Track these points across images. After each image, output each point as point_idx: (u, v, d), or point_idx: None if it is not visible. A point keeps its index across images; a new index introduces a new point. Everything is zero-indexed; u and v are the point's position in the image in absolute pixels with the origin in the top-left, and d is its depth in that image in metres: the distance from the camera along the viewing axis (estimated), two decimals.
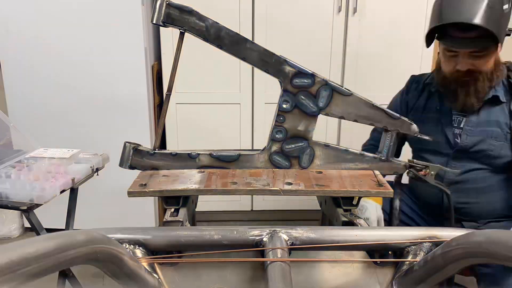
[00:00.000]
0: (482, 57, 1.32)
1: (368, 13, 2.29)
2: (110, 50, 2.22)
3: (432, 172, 1.13)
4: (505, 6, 1.27)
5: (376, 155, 1.14)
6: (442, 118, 1.46)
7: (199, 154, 1.13)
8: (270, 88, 2.30)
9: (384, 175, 1.15)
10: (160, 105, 2.46)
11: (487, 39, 1.25)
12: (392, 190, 1.03)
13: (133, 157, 1.10)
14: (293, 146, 1.12)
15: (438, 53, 1.43)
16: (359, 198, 1.07)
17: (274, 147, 1.13)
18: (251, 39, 2.32)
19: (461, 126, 1.44)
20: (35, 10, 2.17)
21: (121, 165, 1.12)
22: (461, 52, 1.32)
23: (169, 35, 2.28)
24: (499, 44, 1.30)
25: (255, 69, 1.21)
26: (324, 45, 2.33)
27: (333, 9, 2.28)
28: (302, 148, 1.13)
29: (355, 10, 2.27)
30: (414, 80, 1.58)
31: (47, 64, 2.24)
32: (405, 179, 1.29)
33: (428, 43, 1.37)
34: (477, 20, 1.21)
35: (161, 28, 2.29)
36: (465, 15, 1.23)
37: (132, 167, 1.11)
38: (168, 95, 1.10)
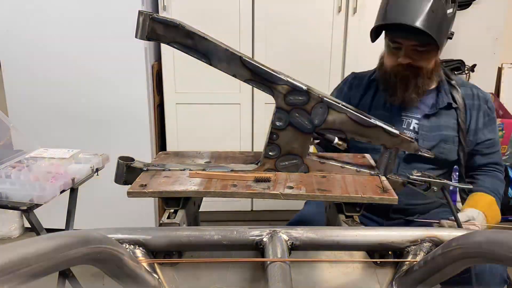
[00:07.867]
0: (424, 54, 1.35)
1: (368, 13, 2.29)
2: (110, 50, 2.22)
3: (435, 188, 1.08)
4: (449, 11, 1.30)
5: (372, 172, 1.11)
6: (393, 118, 1.45)
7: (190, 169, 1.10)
8: None
9: None
10: (160, 105, 2.46)
11: (428, 37, 1.28)
12: (397, 197, 0.99)
13: (127, 174, 1.10)
14: (286, 163, 1.10)
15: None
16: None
17: (268, 165, 1.11)
18: (251, 39, 2.36)
19: (411, 128, 1.45)
20: (35, 10, 2.17)
21: (116, 181, 1.11)
22: (404, 46, 1.36)
23: None
24: (440, 47, 1.34)
25: None
26: (324, 45, 2.33)
27: (333, 9, 2.28)
28: (296, 164, 1.11)
29: (355, 10, 2.28)
30: (356, 77, 1.60)
31: (47, 64, 2.25)
32: None
33: (373, 39, 1.41)
34: (419, 23, 1.25)
35: None
36: (407, 18, 1.27)
37: (126, 183, 1.10)
38: None
